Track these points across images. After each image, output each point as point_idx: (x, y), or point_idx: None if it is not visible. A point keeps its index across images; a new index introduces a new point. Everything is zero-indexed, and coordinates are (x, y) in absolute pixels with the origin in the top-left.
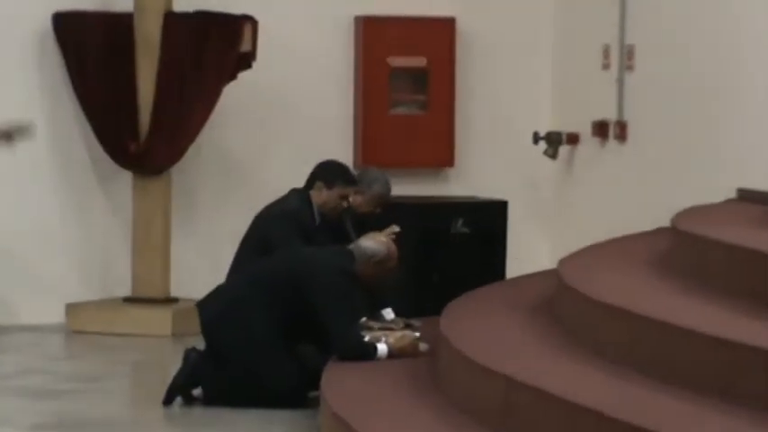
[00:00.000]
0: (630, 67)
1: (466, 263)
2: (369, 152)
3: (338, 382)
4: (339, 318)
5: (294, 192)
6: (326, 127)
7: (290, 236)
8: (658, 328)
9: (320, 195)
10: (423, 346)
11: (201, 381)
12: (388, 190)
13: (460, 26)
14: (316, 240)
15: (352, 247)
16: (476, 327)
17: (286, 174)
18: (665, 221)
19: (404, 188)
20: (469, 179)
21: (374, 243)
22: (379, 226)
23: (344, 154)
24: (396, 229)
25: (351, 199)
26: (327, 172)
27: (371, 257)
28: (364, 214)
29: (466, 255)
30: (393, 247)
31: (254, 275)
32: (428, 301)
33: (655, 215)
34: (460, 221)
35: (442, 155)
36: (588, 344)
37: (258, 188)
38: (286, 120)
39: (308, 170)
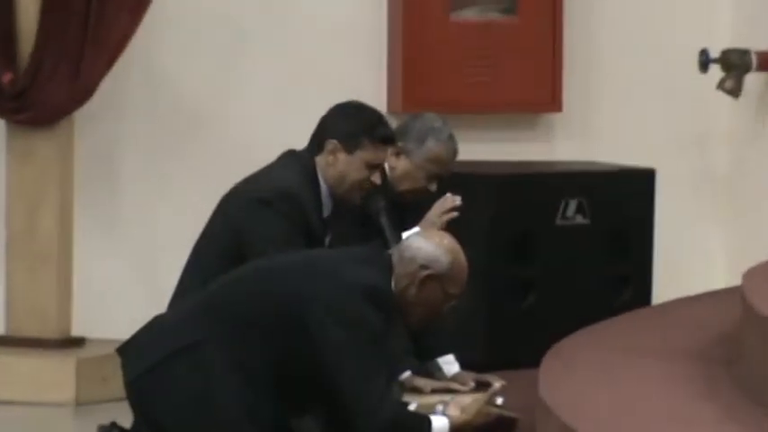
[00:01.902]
0: None
1: (582, 275)
2: (415, 87)
3: None
4: (363, 381)
5: (289, 157)
6: (341, 43)
7: (279, 234)
8: None
9: (333, 163)
10: (500, 409)
11: None
12: (452, 152)
13: None
14: (324, 240)
15: (391, 250)
16: (598, 386)
17: (272, 126)
18: None
19: (477, 149)
20: (588, 133)
21: (430, 243)
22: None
23: (374, 90)
24: (455, 200)
25: (388, 168)
26: (345, 123)
27: (425, 268)
28: (409, 194)
29: (582, 261)
30: (462, 255)
31: (218, 304)
32: (517, 341)
33: None
34: (573, 205)
35: (540, 92)
36: None
37: (224, 150)
38: (271, 32)
39: (310, 120)
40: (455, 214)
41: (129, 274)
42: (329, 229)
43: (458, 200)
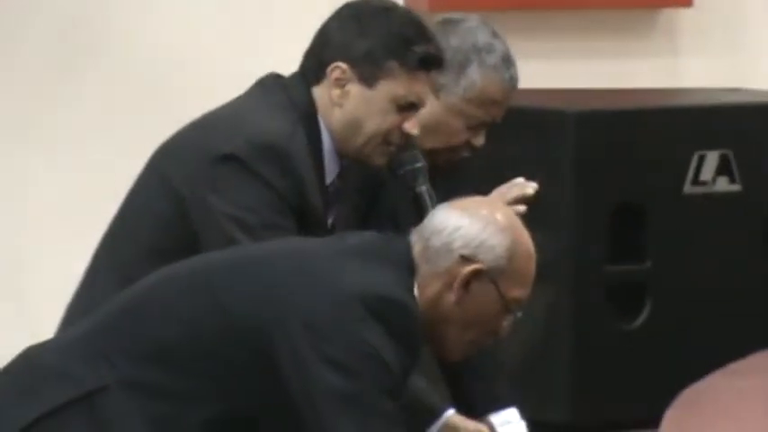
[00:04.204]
0: None
1: (726, 276)
2: None
3: None
4: None
5: (270, 88)
6: None
7: (253, 211)
8: None
9: (342, 101)
10: None
11: None
12: (508, 84)
13: None
14: (324, 222)
15: (413, 235)
16: None
17: (245, 41)
18: None
19: (550, 70)
20: (736, 41)
21: (474, 220)
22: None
23: None
24: (528, 187)
25: (432, 110)
26: (360, 35)
27: (468, 260)
28: (440, 155)
29: (727, 254)
30: (525, 235)
31: (128, 327)
32: (620, 385)
33: None
34: (713, 160)
35: None
36: None
37: (155, 71)
38: None
39: (302, 28)
40: (523, 209)
41: None
42: (333, 205)
43: (533, 186)
